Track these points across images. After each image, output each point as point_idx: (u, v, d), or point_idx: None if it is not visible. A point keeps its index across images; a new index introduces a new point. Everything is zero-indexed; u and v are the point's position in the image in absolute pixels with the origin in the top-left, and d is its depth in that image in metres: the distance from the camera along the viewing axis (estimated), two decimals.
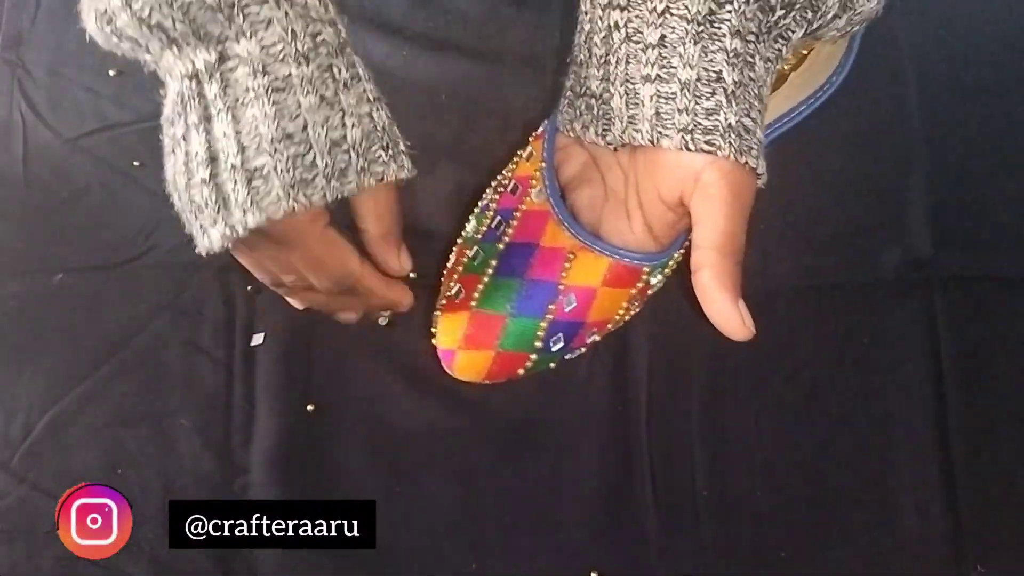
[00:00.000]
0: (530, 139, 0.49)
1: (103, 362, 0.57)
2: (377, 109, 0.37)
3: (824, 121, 0.62)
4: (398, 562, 0.56)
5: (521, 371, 0.47)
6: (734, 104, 0.35)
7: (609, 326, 0.47)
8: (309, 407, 0.57)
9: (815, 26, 0.37)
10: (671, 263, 0.47)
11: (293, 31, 0.33)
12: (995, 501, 0.57)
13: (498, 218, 0.47)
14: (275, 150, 0.34)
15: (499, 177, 0.50)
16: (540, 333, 0.44)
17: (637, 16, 0.36)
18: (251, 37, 0.33)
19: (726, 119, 0.35)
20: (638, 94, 0.37)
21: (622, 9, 0.37)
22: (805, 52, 0.46)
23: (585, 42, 0.39)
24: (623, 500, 0.57)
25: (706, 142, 0.36)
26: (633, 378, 0.58)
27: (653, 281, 0.46)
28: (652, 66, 0.36)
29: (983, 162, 0.62)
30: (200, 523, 0.53)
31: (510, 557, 0.56)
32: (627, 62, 0.37)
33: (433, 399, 0.56)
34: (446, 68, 0.60)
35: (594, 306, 0.44)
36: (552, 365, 0.49)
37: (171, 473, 0.56)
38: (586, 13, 0.39)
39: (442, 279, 0.50)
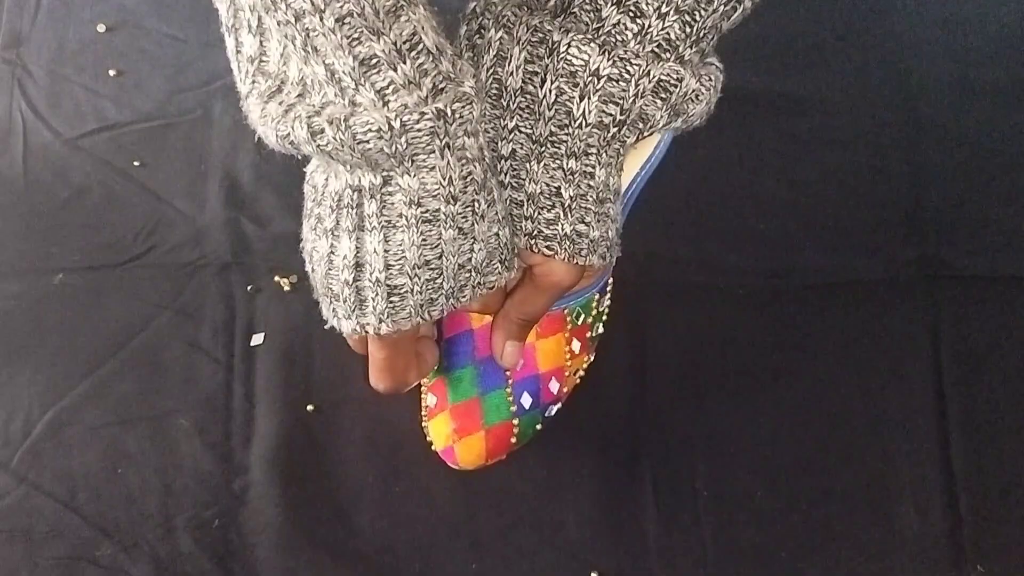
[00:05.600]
0: None
1: (103, 362, 0.58)
2: (503, 228, 0.41)
3: (824, 122, 0.62)
4: (398, 562, 0.56)
5: (513, 440, 0.51)
6: (570, 215, 0.42)
7: (566, 372, 0.52)
8: (309, 407, 0.57)
9: (647, 133, 0.41)
10: (594, 304, 0.52)
11: (451, 177, 0.37)
12: (995, 501, 0.57)
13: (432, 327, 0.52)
14: (415, 275, 0.39)
15: None
16: (509, 399, 0.49)
17: (493, 128, 0.42)
18: (414, 176, 0.37)
19: (562, 229, 0.42)
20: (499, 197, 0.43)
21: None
22: None
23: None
24: (623, 500, 0.57)
25: (546, 247, 0.42)
26: (633, 379, 0.58)
27: (581, 321, 0.51)
28: (505, 175, 0.42)
29: (983, 162, 0.62)
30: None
31: (510, 557, 0.56)
32: (492, 169, 0.42)
33: None
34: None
35: (539, 358, 0.50)
36: (539, 427, 0.52)
37: (171, 473, 0.56)
38: None
39: (422, 394, 0.54)
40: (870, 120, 0.62)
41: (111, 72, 0.61)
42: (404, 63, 0.33)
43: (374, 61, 0.33)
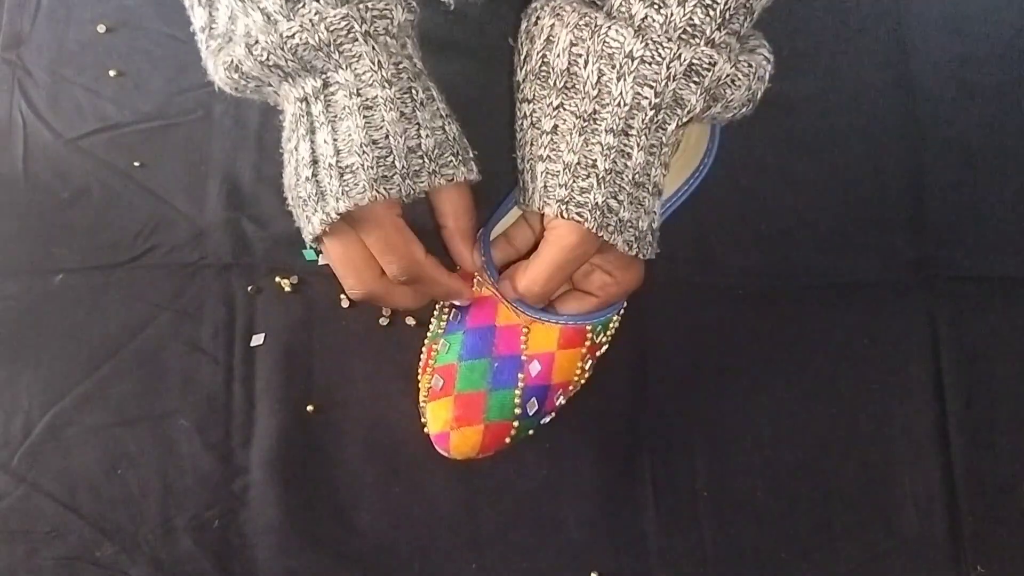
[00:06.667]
0: None
1: (103, 362, 0.58)
2: (448, 123, 0.45)
3: (824, 122, 0.62)
4: (398, 562, 0.56)
5: (507, 440, 0.51)
6: (603, 187, 0.44)
7: (571, 388, 0.53)
8: (309, 407, 0.57)
9: (686, 119, 0.44)
10: (612, 324, 0.53)
11: (379, 62, 0.42)
12: (995, 501, 0.57)
13: (455, 311, 0.53)
14: (363, 152, 0.42)
15: None
16: (517, 401, 0.50)
17: (539, 108, 0.46)
18: (347, 68, 0.42)
19: (594, 198, 0.44)
20: (535, 170, 0.46)
21: (529, 102, 0.46)
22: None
23: (516, 130, 0.48)
24: (623, 500, 0.57)
25: (577, 213, 0.44)
26: (633, 379, 0.58)
27: (597, 340, 0.53)
28: (545, 148, 0.45)
29: (983, 162, 0.62)
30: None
31: (510, 556, 0.56)
32: (531, 144, 0.46)
33: None
34: (446, 68, 0.60)
35: (555, 368, 0.51)
36: (531, 432, 0.52)
37: (171, 473, 0.56)
38: (514, 105, 0.48)
39: (419, 377, 0.54)
40: (870, 120, 0.62)
41: (111, 72, 0.61)
42: None
43: None
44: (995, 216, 0.61)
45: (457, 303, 0.52)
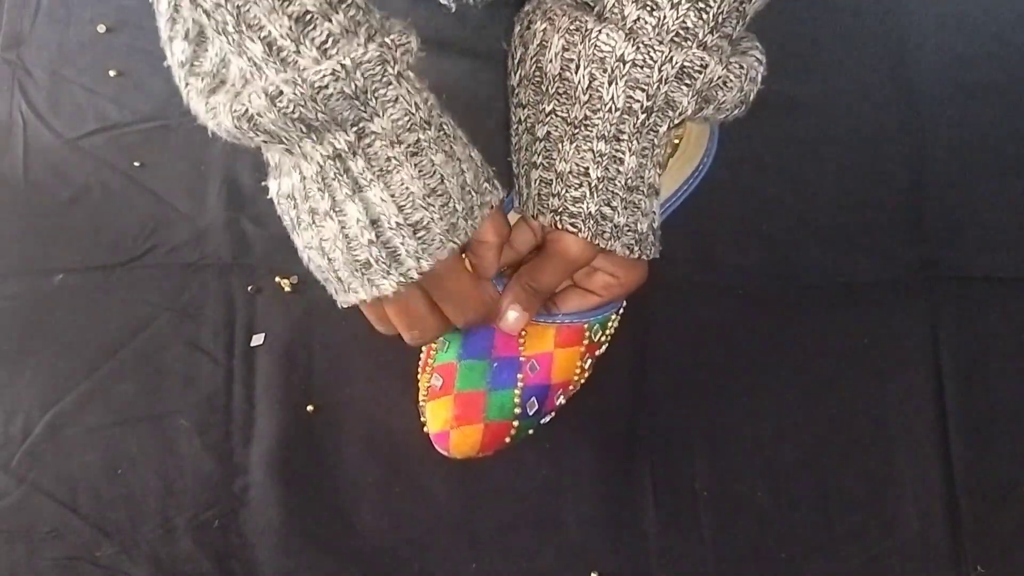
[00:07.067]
0: None
1: (103, 362, 0.58)
2: (473, 150, 0.43)
3: (824, 122, 0.62)
4: (398, 562, 0.56)
5: (507, 439, 0.51)
6: (596, 196, 0.43)
7: (571, 387, 0.53)
8: (309, 407, 0.57)
9: (677, 121, 0.43)
10: (611, 324, 0.53)
11: (416, 103, 0.39)
12: (995, 501, 0.57)
13: None
14: (428, 204, 0.40)
15: None
16: (516, 400, 0.50)
17: (533, 114, 0.45)
18: (383, 115, 0.38)
19: (587, 208, 0.44)
20: (530, 177, 0.45)
21: (524, 107, 0.45)
22: (677, 141, 0.55)
23: (511, 134, 0.48)
24: (623, 500, 0.57)
25: (571, 224, 0.44)
26: (633, 379, 0.58)
27: (596, 338, 0.52)
28: (538, 155, 0.45)
29: (983, 162, 0.62)
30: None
31: (510, 556, 0.56)
32: (525, 150, 0.46)
33: None
34: (446, 68, 0.60)
35: (554, 367, 0.51)
36: (531, 431, 0.52)
37: (171, 473, 0.56)
38: (510, 110, 0.48)
39: (418, 376, 0.54)
40: (870, 120, 0.62)
41: (111, 72, 0.61)
42: (337, 13, 0.35)
43: (308, 17, 0.35)
44: (995, 216, 0.61)
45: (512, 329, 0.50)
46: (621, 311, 0.54)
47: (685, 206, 0.55)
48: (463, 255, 0.45)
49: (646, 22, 0.40)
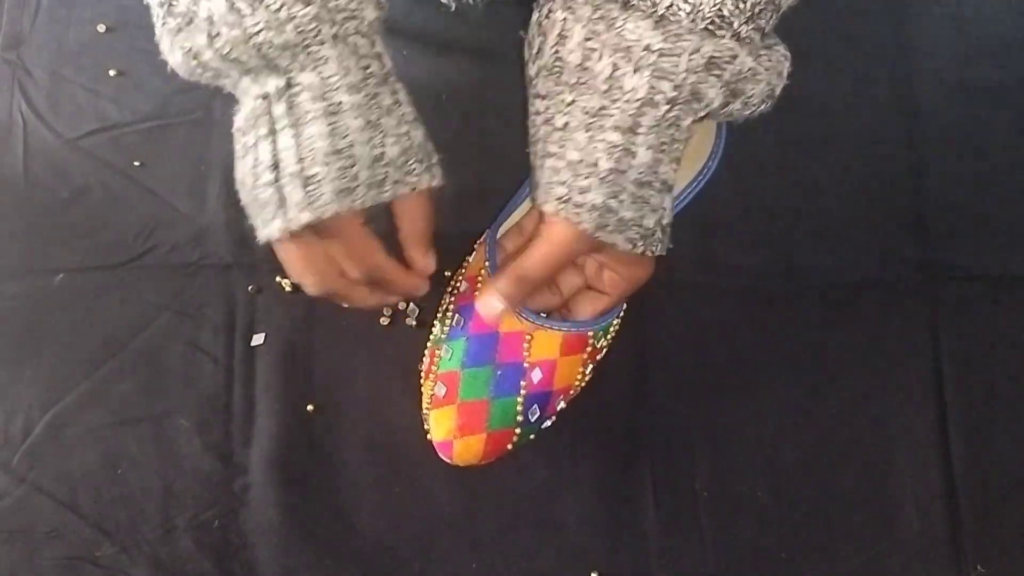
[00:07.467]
0: (476, 245, 0.56)
1: (103, 362, 0.58)
2: (414, 128, 0.44)
3: (825, 122, 0.62)
4: (398, 562, 0.56)
5: (509, 446, 0.51)
6: (603, 187, 0.43)
7: (571, 392, 0.53)
8: (309, 407, 0.57)
9: (703, 114, 0.43)
10: (611, 329, 0.53)
11: (347, 66, 0.41)
12: (995, 501, 0.57)
13: (457, 316, 0.53)
14: (327, 162, 0.40)
15: (453, 280, 0.56)
16: (519, 408, 0.50)
17: (553, 104, 0.44)
18: (313, 70, 0.40)
19: (593, 198, 0.43)
20: (542, 167, 0.45)
21: (542, 98, 0.45)
22: None
23: (529, 125, 0.47)
24: (623, 500, 0.57)
25: (574, 213, 0.43)
26: (634, 378, 0.58)
27: (598, 345, 0.53)
28: (554, 145, 0.44)
29: (983, 162, 0.62)
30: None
31: (510, 557, 0.56)
32: (543, 141, 0.45)
33: None
34: (446, 68, 0.60)
35: (557, 374, 0.51)
36: (532, 437, 0.52)
37: (171, 473, 0.56)
38: (526, 100, 0.47)
39: (421, 382, 0.54)
40: (871, 120, 0.62)
41: (111, 72, 0.61)
42: None
43: None
44: (995, 216, 0.61)
45: (416, 296, 0.51)
46: (621, 312, 0.54)
47: (685, 206, 0.55)
48: (362, 222, 0.45)
49: (680, 8, 0.40)
